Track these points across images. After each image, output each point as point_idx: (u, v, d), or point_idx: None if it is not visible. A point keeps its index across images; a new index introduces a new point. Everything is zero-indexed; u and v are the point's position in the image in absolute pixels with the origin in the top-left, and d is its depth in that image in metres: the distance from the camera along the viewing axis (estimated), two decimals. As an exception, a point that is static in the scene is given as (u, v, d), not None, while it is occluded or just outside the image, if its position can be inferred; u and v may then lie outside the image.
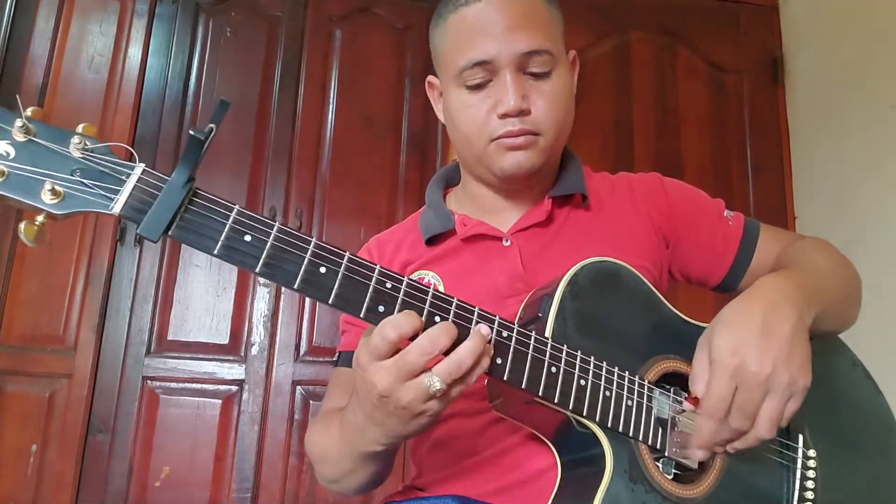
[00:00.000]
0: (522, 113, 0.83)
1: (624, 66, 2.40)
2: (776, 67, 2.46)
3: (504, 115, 0.83)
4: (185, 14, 2.24)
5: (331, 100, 2.26)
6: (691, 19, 2.47)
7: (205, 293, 2.07)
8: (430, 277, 0.90)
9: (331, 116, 2.25)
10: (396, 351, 0.62)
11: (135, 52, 2.17)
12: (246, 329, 2.07)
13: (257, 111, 2.21)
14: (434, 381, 0.61)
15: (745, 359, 0.69)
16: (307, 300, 2.09)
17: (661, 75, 2.41)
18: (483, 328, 0.64)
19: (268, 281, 2.08)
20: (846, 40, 2.16)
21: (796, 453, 0.80)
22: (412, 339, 0.62)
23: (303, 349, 2.08)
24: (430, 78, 0.97)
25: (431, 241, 0.93)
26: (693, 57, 2.45)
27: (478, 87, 0.85)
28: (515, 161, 0.86)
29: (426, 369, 0.62)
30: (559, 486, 0.73)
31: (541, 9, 0.86)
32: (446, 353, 0.62)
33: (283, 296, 2.10)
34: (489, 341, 0.65)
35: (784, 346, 0.70)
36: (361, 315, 0.62)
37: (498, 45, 0.82)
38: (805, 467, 0.80)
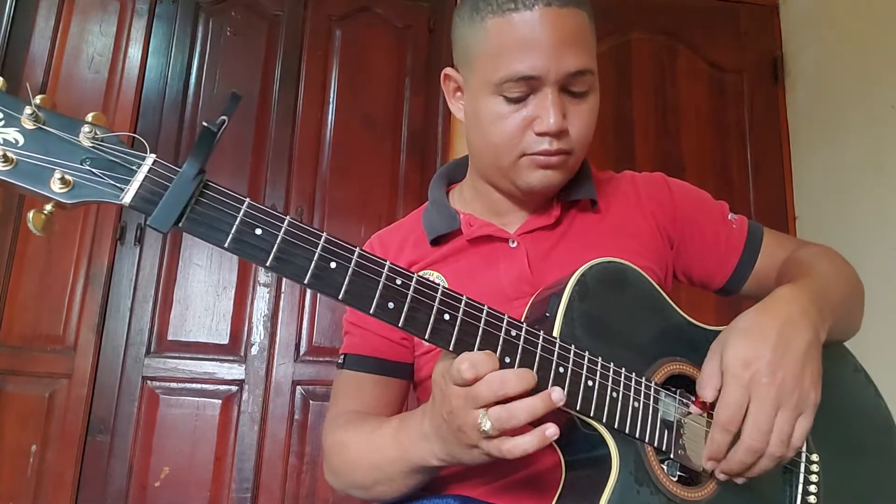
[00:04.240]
0: (561, 134, 0.81)
1: (624, 66, 2.40)
2: (776, 67, 2.46)
3: (543, 134, 0.81)
4: (185, 14, 2.24)
5: (331, 100, 2.26)
6: (691, 19, 2.47)
7: (205, 293, 2.07)
8: (435, 278, 0.89)
9: (331, 116, 2.24)
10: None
11: (135, 52, 2.17)
12: (246, 329, 2.07)
13: (257, 111, 2.21)
14: (485, 420, 0.62)
15: (758, 371, 0.69)
16: (307, 300, 2.09)
17: (661, 75, 2.41)
18: (556, 393, 0.63)
19: (269, 279, 2.08)
20: (846, 40, 2.17)
21: (799, 457, 0.80)
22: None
23: (303, 349, 2.08)
24: (449, 70, 0.91)
25: (436, 240, 0.92)
26: (693, 57, 2.45)
27: (516, 100, 0.81)
28: (545, 179, 0.85)
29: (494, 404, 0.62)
30: (563, 486, 0.73)
31: (586, 25, 0.82)
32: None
33: (282, 295, 2.10)
34: (569, 409, 0.65)
35: (797, 361, 0.70)
36: (371, 312, 0.61)
37: (547, 62, 0.78)
38: (808, 471, 0.80)
